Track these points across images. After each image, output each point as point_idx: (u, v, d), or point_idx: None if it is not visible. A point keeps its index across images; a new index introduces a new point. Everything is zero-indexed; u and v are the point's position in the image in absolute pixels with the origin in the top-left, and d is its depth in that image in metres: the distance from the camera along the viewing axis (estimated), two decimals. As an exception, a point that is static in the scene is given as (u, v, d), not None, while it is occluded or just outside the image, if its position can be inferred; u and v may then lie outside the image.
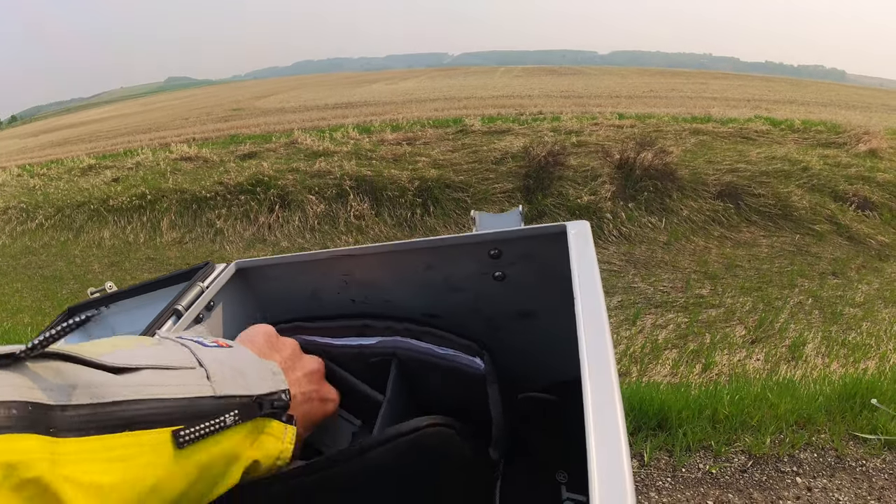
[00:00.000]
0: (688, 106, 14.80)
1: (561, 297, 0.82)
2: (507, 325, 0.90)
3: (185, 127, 18.92)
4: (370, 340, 0.80)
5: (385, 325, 0.81)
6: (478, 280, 0.85)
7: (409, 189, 7.90)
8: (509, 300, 0.87)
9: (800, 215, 6.88)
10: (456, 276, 0.86)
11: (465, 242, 0.82)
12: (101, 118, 33.34)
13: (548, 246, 0.79)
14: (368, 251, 0.86)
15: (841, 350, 4.17)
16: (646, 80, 27.88)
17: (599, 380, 0.46)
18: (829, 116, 12.48)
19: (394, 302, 0.91)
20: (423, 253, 0.85)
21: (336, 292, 0.92)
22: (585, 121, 11.15)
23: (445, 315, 0.90)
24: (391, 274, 0.88)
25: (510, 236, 0.80)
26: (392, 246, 0.85)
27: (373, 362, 0.79)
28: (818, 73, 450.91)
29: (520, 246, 0.81)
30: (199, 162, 10.66)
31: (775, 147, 8.91)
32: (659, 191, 7.32)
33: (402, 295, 0.90)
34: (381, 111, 16.40)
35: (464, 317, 0.89)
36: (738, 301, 5.12)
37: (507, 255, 0.82)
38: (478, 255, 0.83)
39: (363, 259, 0.87)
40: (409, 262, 0.86)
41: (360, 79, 41.26)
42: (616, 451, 0.40)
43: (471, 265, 0.84)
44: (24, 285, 7.38)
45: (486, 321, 0.90)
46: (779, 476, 2.41)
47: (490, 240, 0.81)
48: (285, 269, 0.92)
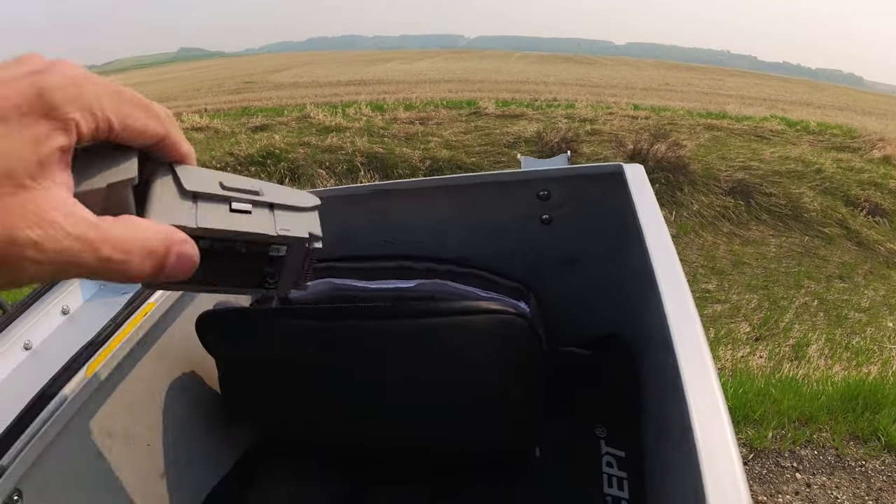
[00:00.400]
0: (703, 101, 14.70)
1: (607, 244, 0.79)
2: (549, 273, 0.85)
3: (196, 98, 18.84)
4: (409, 283, 0.75)
5: (426, 266, 0.77)
6: (522, 222, 0.80)
7: (420, 168, 7.88)
8: (554, 246, 0.82)
9: (810, 217, 6.85)
10: (499, 218, 0.81)
11: (511, 180, 0.77)
12: (114, 84, 33.31)
13: (600, 187, 0.75)
14: (403, 186, 0.81)
15: (844, 353, 4.16)
16: (662, 72, 27.68)
17: (686, 331, 0.42)
18: (845, 121, 12.39)
19: (427, 243, 0.85)
20: (465, 190, 0.80)
21: (370, 232, 0.87)
22: (600, 110, 11.08)
23: (483, 259, 0.85)
24: (426, 213, 0.83)
25: (562, 174, 0.76)
26: (430, 181, 0.81)
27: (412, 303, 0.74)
28: (836, 77, 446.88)
29: (571, 186, 0.76)
30: (210, 132, 10.62)
31: (789, 147, 8.86)
32: (670, 183, 7.28)
33: (437, 236, 0.85)
34: (395, 90, 16.32)
35: (502, 262, 0.84)
36: (744, 298, 5.10)
37: (555, 196, 0.77)
38: (524, 195, 0.78)
39: (397, 196, 0.82)
40: (449, 201, 0.81)
41: (374, 57, 41.06)
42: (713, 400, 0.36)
43: (516, 206, 0.79)
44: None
45: (527, 267, 0.84)
46: (779, 470, 2.41)
47: (540, 178, 0.76)
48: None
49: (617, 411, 0.79)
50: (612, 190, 0.72)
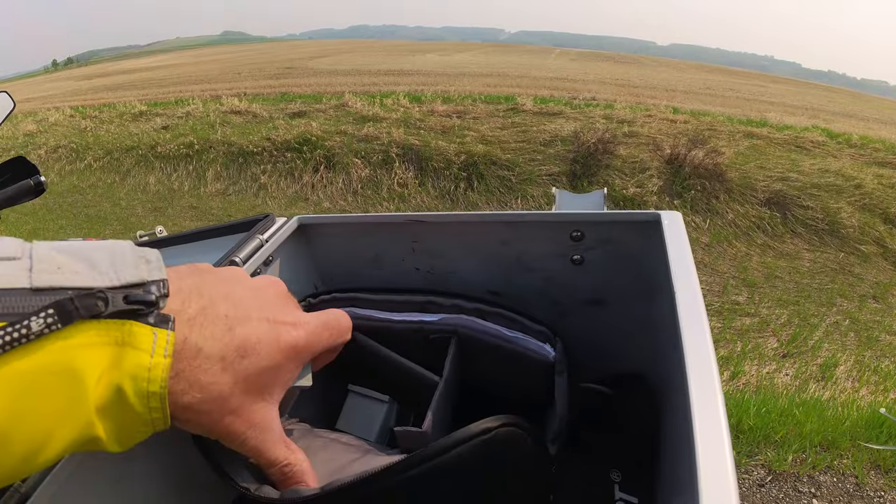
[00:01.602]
0: (744, 108, 14.48)
1: (635, 288, 0.79)
2: (575, 311, 0.85)
3: (236, 81, 19.04)
4: (432, 317, 0.75)
5: (452, 302, 0.76)
6: (553, 261, 0.81)
7: (455, 162, 7.90)
8: (582, 285, 0.82)
9: (847, 233, 6.74)
10: (530, 255, 0.82)
11: (546, 220, 0.78)
12: (155, 66, 33.75)
13: (634, 233, 0.75)
14: (442, 219, 0.81)
15: (872, 377, 4.10)
16: (703, 76, 27.32)
17: (702, 381, 0.43)
18: (889, 135, 12.13)
19: (459, 274, 0.87)
20: (500, 227, 0.80)
21: (400, 259, 0.88)
22: (639, 111, 10.98)
23: (510, 294, 0.86)
24: (462, 245, 0.83)
25: (597, 219, 0.76)
26: (467, 216, 0.80)
27: (432, 339, 0.74)
28: (881, 88, 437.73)
29: (605, 230, 0.76)
30: (248, 116, 10.75)
31: (830, 160, 8.70)
32: (706, 191, 7.22)
33: (470, 268, 0.86)
34: (433, 82, 16.32)
35: (529, 297, 0.85)
36: (774, 313, 5.05)
37: (588, 238, 0.77)
38: (558, 235, 0.78)
39: (435, 227, 0.83)
40: (484, 235, 0.82)
41: (414, 48, 41.06)
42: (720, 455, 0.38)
43: (549, 245, 0.79)
44: (68, 223, 7.57)
45: (553, 304, 0.85)
46: (796, 495, 2.39)
47: (574, 220, 0.76)
48: (349, 228, 0.88)
49: (633, 456, 0.80)
50: (648, 237, 0.73)
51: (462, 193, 7.61)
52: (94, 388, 0.32)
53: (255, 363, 0.40)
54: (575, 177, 7.62)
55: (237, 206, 7.83)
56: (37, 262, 0.32)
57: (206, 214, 7.61)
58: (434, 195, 7.68)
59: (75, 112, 13.14)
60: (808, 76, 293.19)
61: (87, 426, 0.33)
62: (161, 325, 0.35)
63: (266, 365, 0.41)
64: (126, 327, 0.33)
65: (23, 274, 0.31)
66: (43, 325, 0.30)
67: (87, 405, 0.32)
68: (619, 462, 0.78)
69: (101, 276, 0.34)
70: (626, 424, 0.80)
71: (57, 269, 0.32)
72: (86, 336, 0.32)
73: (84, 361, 0.32)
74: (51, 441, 0.31)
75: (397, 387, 0.71)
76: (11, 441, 0.30)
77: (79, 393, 0.32)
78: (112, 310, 0.33)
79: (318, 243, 0.92)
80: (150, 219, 7.54)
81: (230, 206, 7.84)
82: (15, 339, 0.29)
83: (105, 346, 0.33)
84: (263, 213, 0.94)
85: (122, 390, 0.33)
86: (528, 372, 0.70)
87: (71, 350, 0.31)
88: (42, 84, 29.70)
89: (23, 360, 0.29)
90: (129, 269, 0.35)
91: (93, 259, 0.34)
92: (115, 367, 0.33)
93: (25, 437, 0.30)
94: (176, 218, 7.54)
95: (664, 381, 0.72)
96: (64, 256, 0.33)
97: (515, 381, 0.68)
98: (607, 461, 0.78)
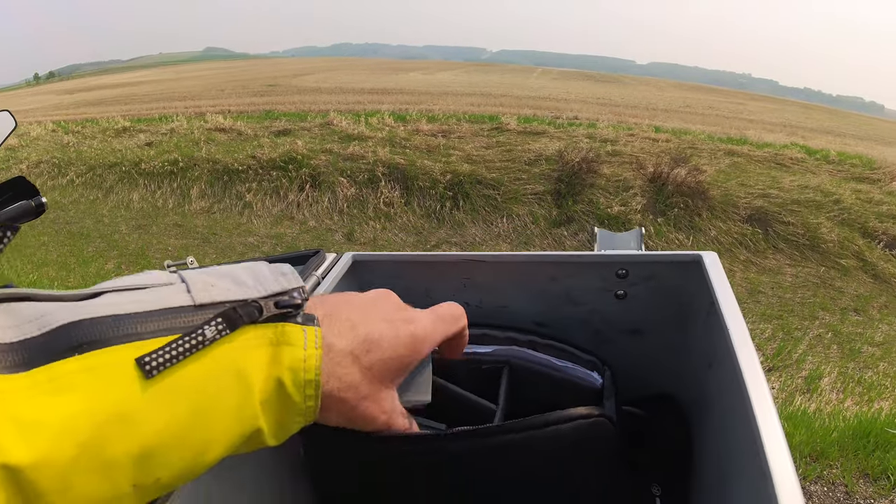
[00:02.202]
0: (724, 125, 14.67)
1: (672, 319, 0.85)
2: (615, 339, 0.90)
3: (220, 98, 19.02)
4: (485, 349, 0.79)
5: (506, 335, 0.81)
6: (598, 296, 0.86)
7: (441, 182, 7.92)
8: (623, 317, 0.88)
9: (827, 248, 6.83)
10: (577, 290, 0.87)
11: (595, 261, 0.83)
12: (138, 81, 33.58)
13: (676, 271, 0.81)
14: (493, 258, 0.86)
15: (856, 387, 4.16)
16: (683, 94, 27.65)
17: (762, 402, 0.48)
18: (865, 151, 12.32)
19: (509, 308, 0.90)
20: (550, 265, 0.85)
21: (451, 294, 0.90)
22: (621, 130, 11.09)
23: (554, 324, 0.90)
24: (512, 282, 0.88)
25: (642, 259, 0.82)
26: (518, 256, 0.85)
27: (484, 369, 0.78)
28: (857, 104, 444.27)
29: (649, 269, 0.82)
30: (233, 134, 10.74)
31: (809, 176, 8.83)
32: (689, 208, 7.30)
33: (519, 303, 0.90)
34: (417, 100, 16.40)
35: (572, 327, 0.90)
36: (759, 327, 5.11)
37: (633, 275, 0.83)
38: (604, 272, 0.84)
39: (486, 265, 0.87)
40: (533, 273, 0.86)
41: (398, 66, 41.22)
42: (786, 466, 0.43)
43: (595, 281, 0.85)
44: (50, 239, 7.50)
45: (595, 333, 0.90)
46: (788, 506, 2.43)
47: (620, 261, 0.82)
48: (401, 266, 0.91)
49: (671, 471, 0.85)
50: (688, 274, 0.79)
51: (448, 213, 7.64)
52: (258, 384, 0.37)
53: (379, 355, 0.45)
54: (560, 196, 7.68)
55: (222, 225, 7.80)
56: (191, 284, 0.38)
57: (191, 233, 7.58)
58: (420, 214, 7.70)
59: (57, 127, 13.08)
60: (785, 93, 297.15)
61: (253, 420, 0.37)
62: (308, 323, 0.41)
63: (389, 356, 0.46)
64: (280, 328, 0.39)
65: (184, 295, 0.37)
66: (215, 332, 0.35)
67: (253, 400, 0.37)
68: (658, 477, 0.83)
69: (249, 290, 0.40)
70: (661, 442, 0.86)
71: (211, 287, 0.38)
72: (248, 339, 0.37)
73: (249, 361, 0.37)
74: (222, 437, 0.36)
75: (453, 416, 0.71)
76: (191, 437, 0.34)
77: (246, 389, 0.37)
78: (267, 315, 0.39)
79: (369, 280, 0.94)
80: (133, 236, 7.50)
81: (215, 225, 7.81)
82: (193, 345, 0.34)
83: (264, 347, 0.38)
84: (314, 248, 0.96)
85: (283, 383, 0.38)
86: (576, 399, 0.72)
87: (237, 352, 0.37)
88: (24, 98, 29.55)
89: (199, 364, 0.34)
90: (271, 282, 0.42)
91: (237, 277, 0.41)
92: (275, 363, 0.38)
93: (202, 433, 0.35)
94: (160, 236, 7.50)
95: (695, 400, 0.79)
96: (212, 278, 0.40)
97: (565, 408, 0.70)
98: (648, 477, 0.83)
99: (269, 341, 0.38)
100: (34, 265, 6.58)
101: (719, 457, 0.63)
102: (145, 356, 0.32)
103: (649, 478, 0.83)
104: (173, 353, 0.33)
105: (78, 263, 6.63)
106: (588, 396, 0.75)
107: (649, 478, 0.83)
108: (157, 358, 0.32)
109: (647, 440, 0.86)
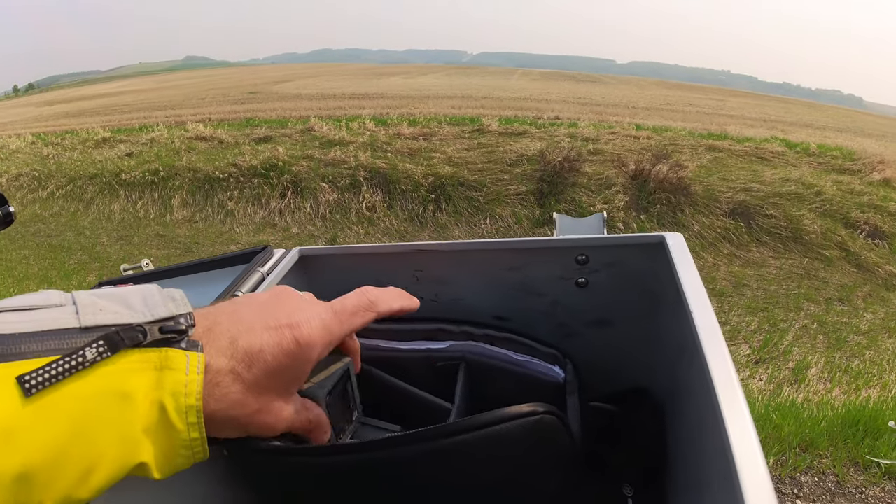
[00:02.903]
0: (704, 121, 14.75)
1: (639, 307, 0.80)
2: (580, 332, 0.86)
3: (201, 106, 18.93)
4: (441, 344, 0.76)
5: (461, 329, 0.77)
6: (559, 285, 0.82)
7: (423, 184, 7.91)
8: (587, 307, 0.84)
9: (810, 239, 6.87)
10: (536, 280, 0.82)
11: (552, 246, 0.79)
12: (118, 92, 33.40)
13: (639, 255, 0.77)
14: (446, 247, 0.82)
15: (844, 376, 4.18)
16: (664, 92, 27.80)
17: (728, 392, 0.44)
18: (845, 142, 12.42)
19: (465, 301, 0.87)
20: (505, 253, 0.81)
21: (404, 287, 0.81)
22: (602, 129, 11.11)
23: (515, 317, 0.86)
24: (467, 272, 0.84)
25: (602, 243, 0.78)
26: (472, 244, 0.81)
27: (439, 366, 0.74)
28: (835, 97, 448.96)
29: (610, 254, 0.78)
30: (213, 142, 10.67)
31: (790, 169, 8.89)
32: (671, 204, 7.32)
33: (475, 294, 0.86)
34: (398, 104, 16.38)
35: (535, 320, 0.86)
36: (745, 320, 5.12)
37: (594, 261, 0.79)
38: (563, 259, 0.79)
39: (439, 255, 0.83)
40: (489, 262, 0.82)
41: (379, 71, 41.25)
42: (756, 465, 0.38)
43: (554, 269, 0.81)
44: (31, 253, 7.42)
45: (559, 326, 0.86)
46: (779, 498, 2.41)
47: (579, 245, 0.78)
48: (351, 259, 0.88)
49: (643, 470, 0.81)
50: (652, 258, 0.75)
51: (431, 215, 7.61)
52: (141, 408, 0.37)
53: (263, 369, 0.43)
54: (542, 195, 7.68)
55: (204, 234, 7.74)
56: (81, 306, 0.38)
57: (173, 242, 7.52)
58: (403, 218, 7.67)
59: (37, 139, 12.98)
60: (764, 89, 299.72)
61: (136, 446, 0.37)
62: (192, 348, 0.40)
63: (273, 369, 0.44)
64: (163, 353, 0.39)
65: (71, 317, 0.37)
66: (96, 354, 0.35)
67: (135, 424, 0.37)
68: (630, 477, 0.79)
69: (137, 314, 0.40)
70: (634, 439, 0.82)
71: (100, 311, 0.38)
72: (131, 363, 0.37)
73: (131, 385, 0.37)
74: (103, 461, 0.36)
75: (408, 416, 0.69)
76: (70, 461, 0.34)
77: (128, 412, 0.37)
78: (150, 339, 0.39)
79: (319, 275, 0.91)
80: (115, 248, 7.42)
81: (197, 234, 7.75)
82: (73, 366, 0.34)
83: (148, 371, 0.38)
84: (261, 244, 0.93)
85: (165, 407, 0.38)
86: (538, 394, 0.69)
87: (119, 374, 0.37)
88: (3, 110, 29.33)
89: (80, 385, 0.34)
90: (160, 307, 0.41)
91: (128, 301, 0.41)
92: (158, 387, 0.38)
93: (84, 455, 0.34)
94: (142, 246, 7.43)
95: (670, 393, 0.74)
96: (103, 301, 0.40)
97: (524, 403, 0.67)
98: (619, 477, 0.79)
99: (153, 365, 0.38)
100: (15, 279, 6.50)
101: (693, 454, 0.59)
102: (25, 374, 0.32)
103: (622, 478, 0.79)
104: (53, 373, 0.33)
105: (59, 276, 6.56)
106: (550, 392, 0.72)
107: (622, 478, 0.79)
108: (37, 377, 0.32)
109: (620, 437, 0.82)
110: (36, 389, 0.32)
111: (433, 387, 0.71)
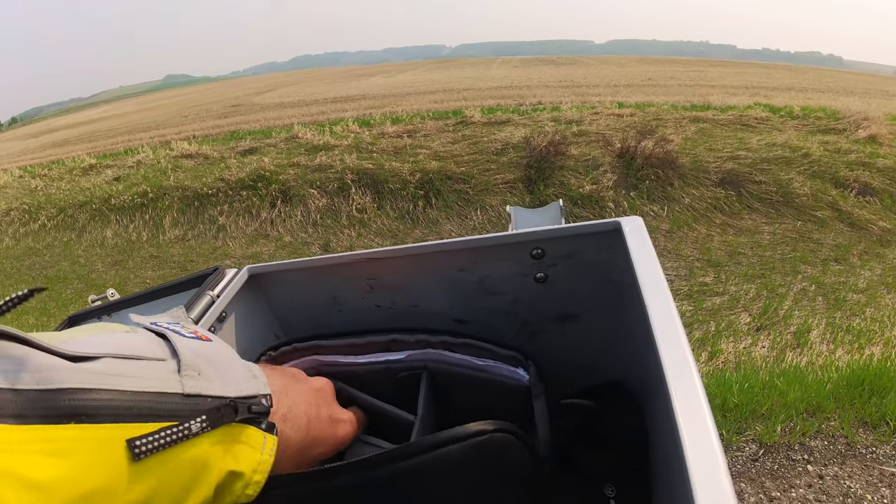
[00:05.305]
0: (686, 94, 14.74)
1: (604, 298, 0.78)
2: (545, 329, 0.84)
3: (184, 124, 18.87)
4: (398, 355, 0.74)
5: (416, 338, 0.74)
6: (516, 282, 0.79)
7: (411, 182, 7.88)
8: (549, 303, 0.81)
9: (801, 202, 6.87)
10: (492, 279, 0.80)
11: (503, 242, 0.76)
12: (101, 117, 33.28)
13: (596, 244, 0.74)
14: (396, 253, 0.80)
15: (846, 336, 4.18)
16: (644, 68, 27.78)
17: (683, 384, 0.42)
18: (828, 103, 12.42)
19: (422, 307, 0.85)
20: (457, 254, 0.78)
21: (360, 298, 0.86)
22: (585, 110, 11.10)
23: (477, 320, 0.84)
24: (421, 277, 0.82)
25: (555, 234, 0.74)
26: (423, 247, 0.79)
27: (401, 377, 0.73)
28: (815, 59, 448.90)
29: (565, 245, 0.75)
30: (199, 159, 10.63)
31: (775, 134, 8.88)
32: (660, 179, 7.31)
33: (432, 299, 0.84)
34: (381, 104, 16.35)
35: (498, 321, 0.84)
36: (742, 288, 5.12)
37: (550, 254, 0.76)
38: (518, 255, 0.77)
39: (390, 262, 0.81)
40: (441, 264, 0.80)
41: (359, 72, 41.16)
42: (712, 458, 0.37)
43: (509, 266, 0.78)
44: (28, 286, 7.32)
45: (523, 325, 0.84)
46: (790, 464, 2.42)
47: (532, 239, 0.75)
48: (303, 273, 0.86)
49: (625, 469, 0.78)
50: (610, 246, 0.72)
51: (421, 212, 7.59)
52: (213, 474, 0.41)
53: (320, 451, 0.57)
54: (531, 181, 7.66)
55: (198, 251, 7.71)
56: (183, 365, 0.42)
57: (168, 263, 7.49)
58: (394, 217, 7.65)
59: (24, 172, 12.89)
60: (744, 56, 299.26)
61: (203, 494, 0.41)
62: (269, 430, 0.47)
63: (322, 452, 0.57)
64: (245, 429, 0.44)
65: (174, 378, 0.40)
66: (199, 428, 0.39)
67: (204, 488, 0.41)
68: (612, 477, 0.77)
69: (227, 387, 0.44)
70: (614, 436, 0.79)
71: (198, 376, 0.42)
72: (218, 435, 0.42)
73: (213, 455, 0.41)
74: None
75: (372, 429, 0.69)
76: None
77: (204, 476, 0.41)
78: (240, 417, 0.43)
79: (272, 292, 0.90)
80: (110, 273, 7.39)
81: (191, 252, 7.72)
82: (179, 437, 0.37)
83: (229, 443, 0.43)
84: (213, 266, 0.92)
85: (235, 478, 0.43)
86: (503, 399, 0.69)
87: (208, 446, 0.41)
88: (-11, 147, 29.21)
89: (176, 452, 0.38)
90: (245, 382, 0.47)
91: (218, 366, 0.45)
92: (235, 461, 0.43)
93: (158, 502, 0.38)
94: (137, 270, 7.40)
95: (645, 386, 0.72)
96: (200, 360, 0.43)
97: (492, 409, 0.64)
98: (600, 477, 0.77)
99: (233, 439, 0.43)
100: (14, 314, 6.42)
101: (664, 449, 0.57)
102: (136, 439, 0.35)
103: (603, 478, 0.77)
104: (161, 442, 0.36)
105: (58, 307, 6.53)
106: (516, 396, 0.70)
107: (603, 478, 0.77)
108: (147, 444, 0.35)
109: (598, 435, 0.80)
110: (144, 455, 0.35)
111: (397, 398, 0.69)
